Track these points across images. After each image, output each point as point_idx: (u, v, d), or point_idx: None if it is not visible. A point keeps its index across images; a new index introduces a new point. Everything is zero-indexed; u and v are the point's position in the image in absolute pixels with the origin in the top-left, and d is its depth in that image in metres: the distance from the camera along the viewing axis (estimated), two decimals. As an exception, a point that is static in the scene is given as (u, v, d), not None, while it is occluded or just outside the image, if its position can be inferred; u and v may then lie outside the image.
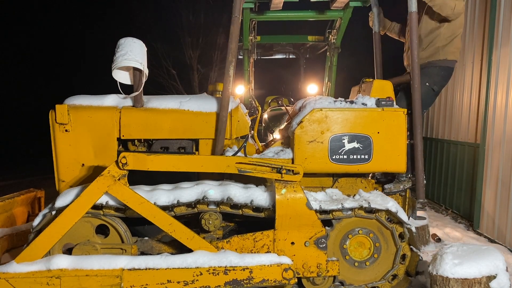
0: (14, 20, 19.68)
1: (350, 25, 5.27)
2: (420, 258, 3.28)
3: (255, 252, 3.14)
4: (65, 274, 2.87)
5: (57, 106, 3.36)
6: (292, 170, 3.10)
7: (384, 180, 3.74)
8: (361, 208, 3.19)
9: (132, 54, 3.27)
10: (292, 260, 3.08)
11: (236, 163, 3.12)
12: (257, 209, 3.17)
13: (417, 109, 3.45)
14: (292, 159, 3.31)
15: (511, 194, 4.46)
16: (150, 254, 3.21)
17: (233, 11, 3.31)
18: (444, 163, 6.44)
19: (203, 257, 2.98)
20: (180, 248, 3.15)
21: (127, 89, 3.51)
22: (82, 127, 3.40)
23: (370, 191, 3.49)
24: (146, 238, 3.35)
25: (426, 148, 6.96)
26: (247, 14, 5.02)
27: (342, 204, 3.17)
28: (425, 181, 3.54)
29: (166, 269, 2.93)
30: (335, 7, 4.56)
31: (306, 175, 3.27)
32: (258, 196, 3.13)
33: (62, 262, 2.90)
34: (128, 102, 3.54)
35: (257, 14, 5.22)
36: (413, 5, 3.41)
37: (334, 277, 3.26)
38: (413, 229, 3.28)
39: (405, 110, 3.38)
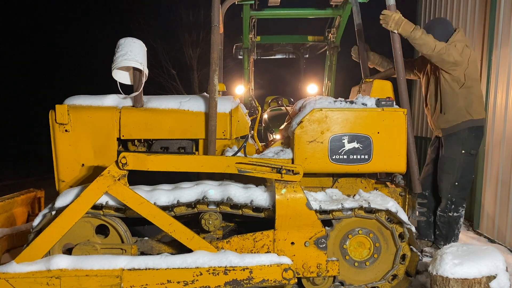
0: (13, 20, 19.68)
1: (349, 24, 5.27)
2: (420, 258, 3.29)
3: (255, 252, 3.13)
4: (65, 274, 2.87)
5: (57, 106, 3.36)
6: (292, 170, 3.10)
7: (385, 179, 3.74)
8: (361, 208, 3.19)
9: (132, 54, 3.27)
10: (292, 260, 3.08)
11: (236, 163, 3.12)
12: (257, 209, 3.17)
13: (404, 102, 3.45)
14: (292, 159, 3.31)
15: (511, 194, 4.46)
16: (150, 254, 3.21)
17: (212, 20, 3.30)
18: (444, 163, 6.42)
19: (203, 257, 2.98)
20: (180, 248, 3.15)
21: (127, 89, 3.51)
22: (82, 127, 3.40)
23: (370, 191, 3.49)
24: (146, 238, 3.35)
25: (427, 148, 6.95)
26: (247, 11, 5.01)
27: (342, 204, 3.17)
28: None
29: (166, 269, 2.93)
30: (334, 2, 4.58)
31: (306, 175, 3.27)
32: (258, 196, 3.13)
33: (62, 262, 2.90)
34: (128, 102, 3.54)
35: (256, 12, 5.22)
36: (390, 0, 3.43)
37: (334, 277, 3.26)
38: (413, 229, 3.28)
39: (405, 110, 3.38)
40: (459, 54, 3.68)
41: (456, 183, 3.83)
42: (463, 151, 3.82)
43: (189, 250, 3.05)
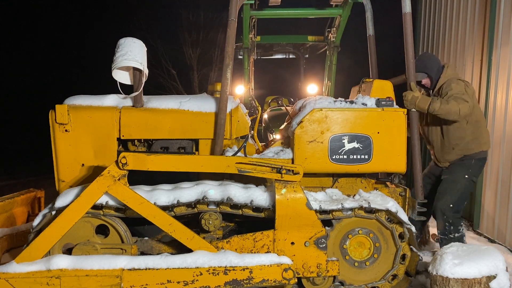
0: (13, 20, 19.68)
1: (349, 24, 5.27)
2: (420, 258, 3.29)
3: (255, 252, 3.14)
4: (65, 274, 2.87)
5: (57, 106, 3.36)
6: (292, 170, 3.10)
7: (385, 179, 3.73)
8: (361, 208, 3.19)
9: (132, 54, 3.27)
10: (292, 260, 3.08)
11: (236, 163, 3.12)
12: (257, 209, 3.17)
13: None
14: (292, 159, 3.31)
15: (511, 194, 4.46)
16: (150, 254, 3.21)
17: (229, 14, 3.31)
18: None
19: (203, 257, 2.98)
20: (180, 248, 3.15)
21: (127, 89, 3.51)
22: (82, 127, 3.40)
23: (370, 191, 3.49)
24: (146, 238, 3.35)
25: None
26: (247, 11, 5.01)
27: (342, 204, 3.17)
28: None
29: (166, 269, 2.93)
30: (334, 2, 4.58)
31: (306, 175, 3.27)
32: (258, 196, 3.13)
33: (62, 262, 2.90)
34: (128, 102, 3.54)
35: (257, 11, 5.22)
36: (407, 6, 3.40)
37: (334, 277, 3.26)
38: (413, 229, 3.28)
39: (405, 110, 3.38)
40: (472, 99, 3.61)
41: (451, 205, 3.74)
42: (466, 176, 3.76)
43: (189, 250, 3.05)
